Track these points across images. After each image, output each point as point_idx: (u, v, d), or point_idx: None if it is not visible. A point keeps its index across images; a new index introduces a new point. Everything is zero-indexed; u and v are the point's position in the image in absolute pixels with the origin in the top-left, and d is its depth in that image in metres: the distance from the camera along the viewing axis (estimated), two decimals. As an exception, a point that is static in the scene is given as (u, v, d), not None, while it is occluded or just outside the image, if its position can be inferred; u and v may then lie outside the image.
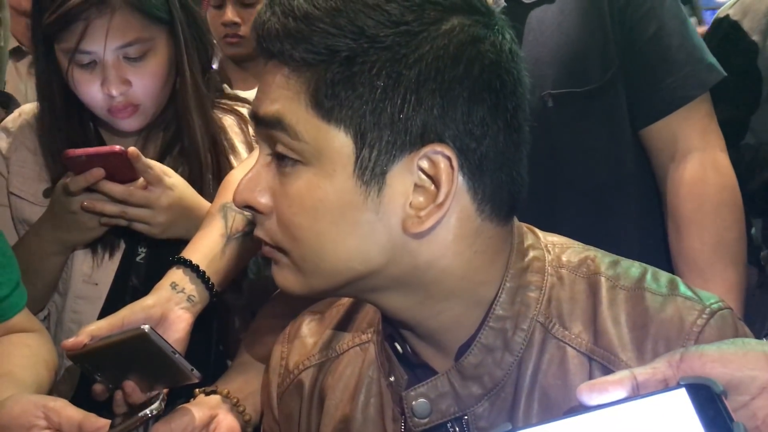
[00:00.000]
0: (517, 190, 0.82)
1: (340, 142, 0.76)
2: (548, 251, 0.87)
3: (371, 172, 0.76)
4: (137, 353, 1.01)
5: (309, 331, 1.01)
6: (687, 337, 0.79)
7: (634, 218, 1.36)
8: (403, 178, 0.76)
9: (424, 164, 0.76)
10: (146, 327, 0.99)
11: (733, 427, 0.56)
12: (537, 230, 0.91)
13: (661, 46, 1.32)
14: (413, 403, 0.84)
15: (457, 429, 0.84)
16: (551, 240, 0.90)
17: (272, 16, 0.77)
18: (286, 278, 0.83)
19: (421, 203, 0.77)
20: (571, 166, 1.33)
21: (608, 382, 0.62)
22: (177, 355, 1.00)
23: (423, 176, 0.76)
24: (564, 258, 0.87)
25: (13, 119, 1.50)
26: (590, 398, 0.62)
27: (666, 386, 0.61)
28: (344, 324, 0.98)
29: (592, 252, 0.89)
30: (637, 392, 0.62)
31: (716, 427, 0.56)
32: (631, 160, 1.36)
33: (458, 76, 0.75)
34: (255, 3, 2.30)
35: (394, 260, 0.79)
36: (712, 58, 1.33)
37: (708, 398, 0.58)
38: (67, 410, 0.97)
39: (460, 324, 0.83)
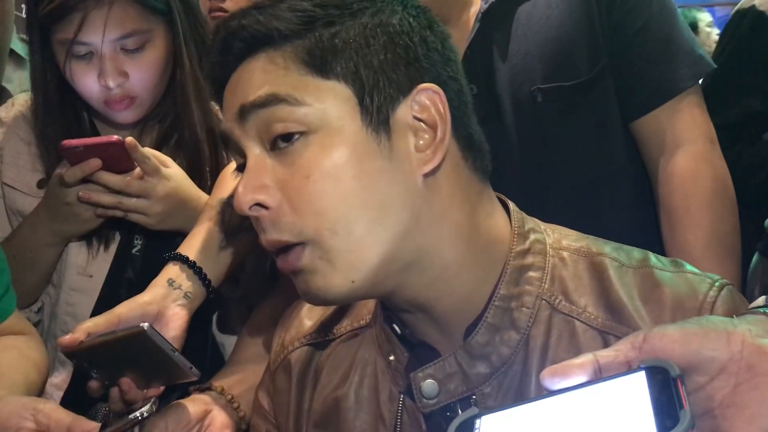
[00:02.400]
0: (483, 143, 0.88)
1: (342, 94, 0.80)
2: (548, 235, 0.89)
3: (376, 119, 0.80)
4: (135, 351, 1.01)
5: (308, 314, 1.02)
6: (701, 307, 0.81)
7: (626, 211, 1.36)
8: (404, 124, 0.81)
9: (416, 108, 0.81)
10: (146, 325, 0.98)
11: (680, 414, 0.55)
12: (535, 219, 0.92)
13: (650, 38, 1.32)
14: (421, 383, 0.84)
15: (461, 412, 0.83)
16: (550, 226, 0.92)
17: (240, 18, 0.82)
18: (323, 278, 0.79)
19: (423, 146, 0.81)
20: (562, 160, 1.34)
21: (570, 366, 0.62)
22: (176, 354, 0.99)
23: (417, 121, 0.81)
24: (564, 242, 0.89)
25: (5, 109, 1.48)
26: (552, 383, 0.62)
27: (629, 368, 0.61)
28: (343, 311, 0.99)
29: (592, 238, 0.91)
30: (600, 375, 0.62)
31: (665, 412, 0.56)
32: (622, 153, 1.36)
33: (421, 26, 0.84)
34: None
35: (414, 215, 0.80)
36: (701, 50, 1.34)
37: (664, 382, 0.58)
38: (56, 413, 0.97)
39: (468, 304, 0.84)
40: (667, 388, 0.57)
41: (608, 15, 1.32)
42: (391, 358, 0.89)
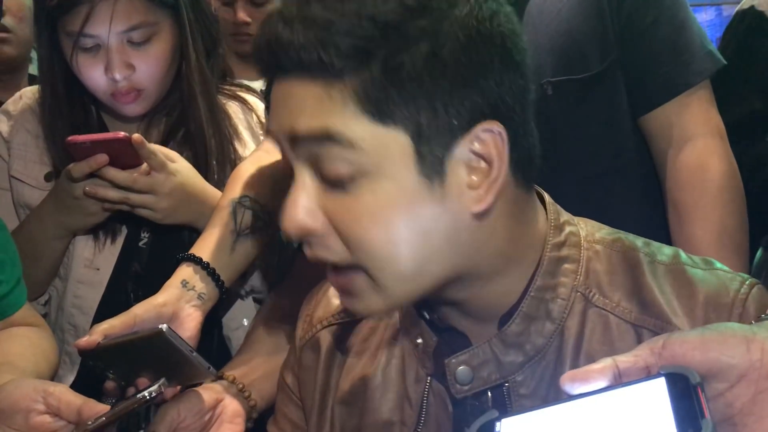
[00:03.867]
0: (537, 153, 0.84)
1: (399, 142, 0.75)
2: (581, 228, 0.90)
3: (431, 164, 0.76)
4: (153, 352, 1.01)
5: (335, 292, 1.02)
6: (733, 304, 0.82)
7: (634, 205, 1.36)
8: (459, 162, 0.77)
9: (476, 145, 0.77)
10: (164, 327, 0.98)
11: (702, 423, 0.55)
12: (567, 212, 0.93)
13: (660, 33, 1.31)
14: (456, 370, 0.85)
15: (490, 396, 0.85)
16: (582, 219, 0.93)
17: (290, 30, 0.74)
18: (367, 301, 0.80)
19: (476, 182, 0.77)
20: (572, 153, 1.34)
21: (590, 371, 0.62)
22: (194, 354, 0.99)
23: (473, 156, 0.77)
24: (597, 235, 0.90)
25: (14, 102, 1.49)
26: (573, 387, 0.62)
27: (648, 374, 0.61)
28: None
29: (623, 233, 0.91)
30: (620, 380, 0.62)
31: (686, 420, 0.55)
32: (631, 147, 1.36)
33: (489, 51, 0.77)
34: (266, 2, 2.29)
35: (458, 245, 0.79)
36: (711, 46, 1.34)
37: (684, 389, 0.58)
38: (66, 395, 0.97)
39: (503, 296, 0.85)
40: (687, 395, 0.57)
41: (619, 9, 1.32)
42: (419, 341, 0.90)
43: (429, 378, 0.89)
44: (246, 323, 1.41)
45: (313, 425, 0.98)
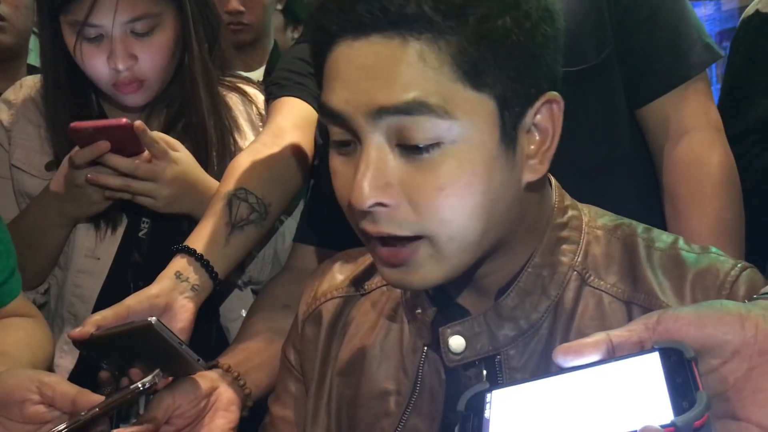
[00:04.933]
0: None
1: (487, 108, 0.76)
2: (585, 213, 0.92)
3: (509, 132, 0.77)
4: (144, 343, 1.02)
5: (340, 268, 1.04)
6: (721, 285, 0.83)
7: (630, 198, 1.34)
8: (523, 132, 0.79)
9: (537, 116, 0.79)
10: (153, 319, 0.99)
11: (697, 396, 0.55)
12: (572, 198, 0.95)
13: (657, 26, 1.31)
14: (449, 339, 0.86)
15: (485, 371, 0.87)
16: (586, 206, 0.94)
17: None
18: (424, 272, 0.79)
19: (532, 151, 0.80)
20: (567, 145, 1.31)
21: (583, 345, 0.63)
22: (183, 347, 1.00)
23: (532, 126, 0.80)
24: (600, 221, 0.92)
25: (14, 91, 1.49)
26: (565, 360, 0.63)
27: (642, 349, 0.62)
28: (374, 268, 0.99)
29: (626, 219, 0.93)
30: (613, 354, 0.62)
31: (681, 393, 0.56)
32: (628, 140, 1.35)
33: (553, 27, 0.79)
34: None
35: (510, 216, 0.81)
36: (709, 39, 1.33)
37: (678, 363, 0.58)
38: (61, 385, 0.96)
39: (503, 271, 0.87)
40: (681, 369, 0.58)
41: (616, 1, 1.32)
42: (418, 311, 0.91)
43: (425, 348, 0.90)
44: (244, 314, 1.41)
45: (312, 396, 0.99)
